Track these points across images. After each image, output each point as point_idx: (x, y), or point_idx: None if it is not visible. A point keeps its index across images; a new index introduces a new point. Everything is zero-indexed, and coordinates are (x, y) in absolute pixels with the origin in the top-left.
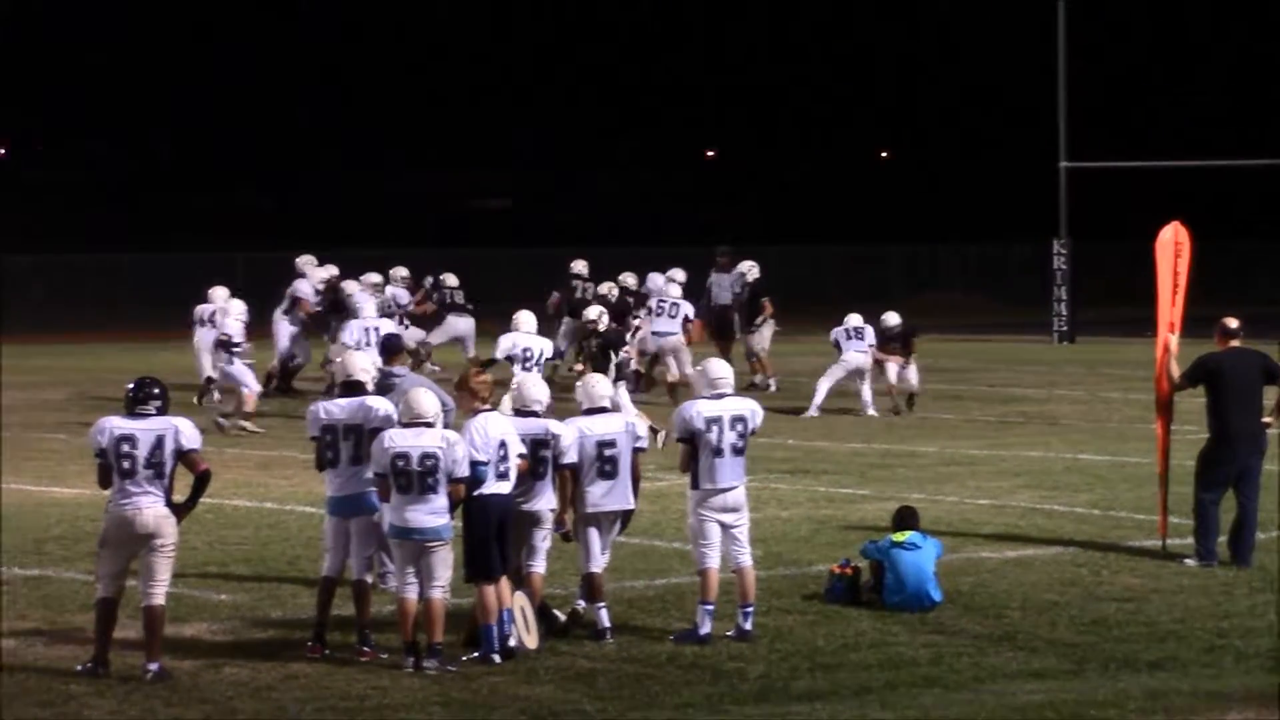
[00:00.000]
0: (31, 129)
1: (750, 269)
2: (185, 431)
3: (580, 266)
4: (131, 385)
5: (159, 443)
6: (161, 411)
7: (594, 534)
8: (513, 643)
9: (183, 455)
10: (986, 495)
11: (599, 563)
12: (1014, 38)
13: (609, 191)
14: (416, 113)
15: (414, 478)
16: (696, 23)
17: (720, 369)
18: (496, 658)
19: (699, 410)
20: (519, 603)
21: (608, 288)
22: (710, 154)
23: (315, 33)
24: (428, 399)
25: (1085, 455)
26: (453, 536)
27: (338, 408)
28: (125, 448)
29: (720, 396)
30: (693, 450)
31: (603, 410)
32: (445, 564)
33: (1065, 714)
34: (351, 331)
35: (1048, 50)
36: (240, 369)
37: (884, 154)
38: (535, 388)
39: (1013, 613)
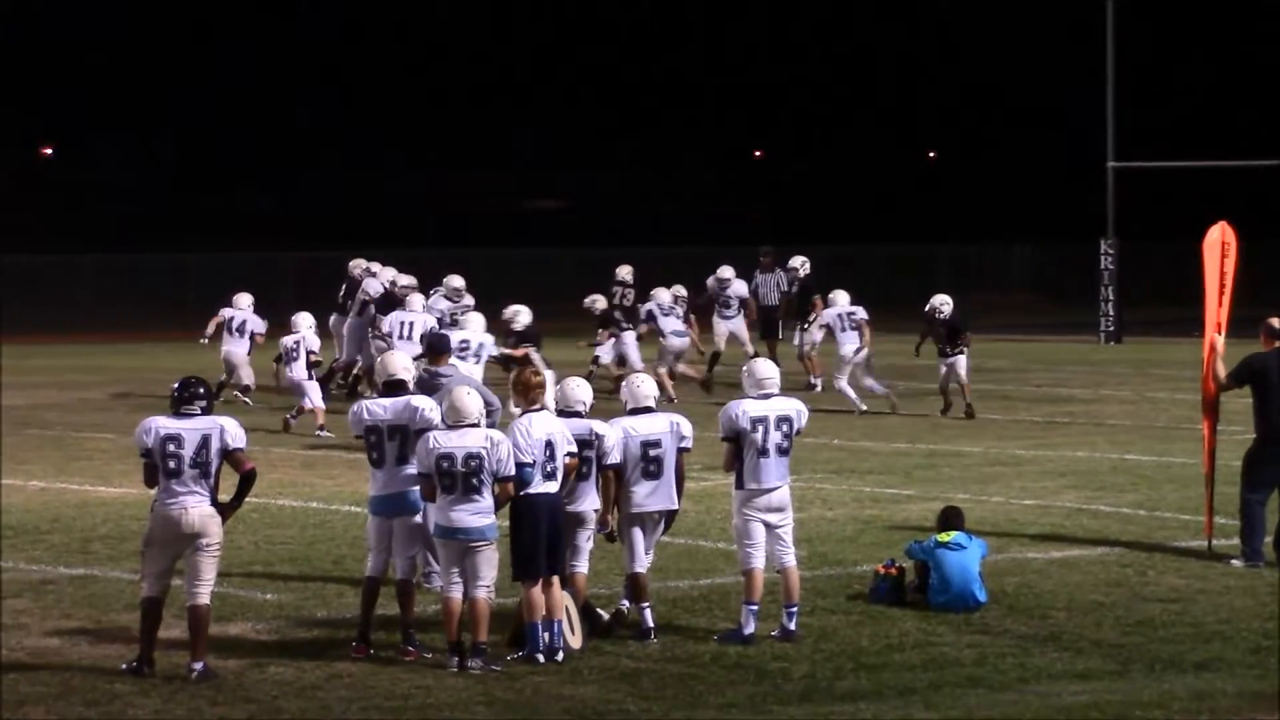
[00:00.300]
0: (74, 128)
1: (802, 264)
2: (230, 430)
3: (625, 273)
4: (176, 385)
5: (204, 442)
6: (206, 411)
7: (638, 534)
8: (559, 658)
9: (228, 454)
10: (1032, 495)
11: (643, 563)
12: (1062, 38)
13: (669, 191)
14: (416, 113)
15: (459, 478)
16: (747, 18)
17: (767, 369)
18: (541, 657)
19: (745, 410)
20: (563, 603)
21: (590, 300)
22: (758, 154)
23: (315, 33)
24: (470, 400)
25: (1131, 455)
26: (498, 536)
27: (381, 408)
28: (171, 447)
29: (766, 396)
30: (737, 450)
31: (647, 410)
32: (490, 564)
33: (1110, 715)
34: (388, 323)
35: (1096, 50)
36: (315, 385)
37: (931, 155)
38: (578, 389)
39: (1058, 613)
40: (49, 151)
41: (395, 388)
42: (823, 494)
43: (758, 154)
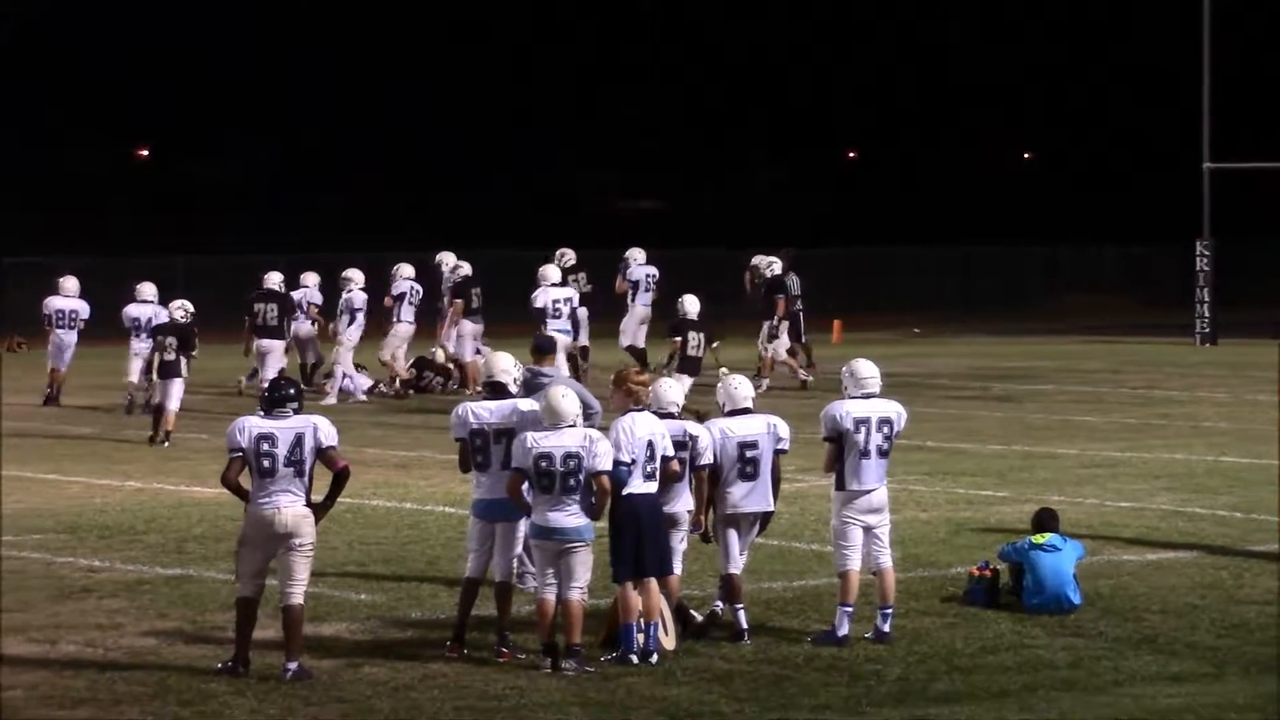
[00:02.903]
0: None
1: (769, 265)
2: (324, 428)
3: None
4: (267, 386)
5: (298, 440)
6: (298, 411)
7: (733, 535)
8: (653, 659)
9: (321, 452)
10: (1127, 497)
11: (737, 564)
12: (1158, 37)
13: (748, 192)
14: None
15: (556, 478)
16: (832, 20)
17: (867, 369)
18: (635, 658)
19: (848, 410)
20: (659, 604)
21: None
22: (852, 154)
23: (404, 26)
24: (567, 401)
25: (1227, 458)
26: (594, 537)
27: (487, 411)
28: (265, 446)
29: (868, 397)
30: (839, 451)
31: (745, 411)
32: (585, 565)
33: (1205, 717)
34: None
35: (1192, 49)
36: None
37: (1026, 155)
38: (670, 390)
39: (1152, 616)
40: (145, 153)
41: (497, 390)
42: (916, 496)
43: (851, 154)
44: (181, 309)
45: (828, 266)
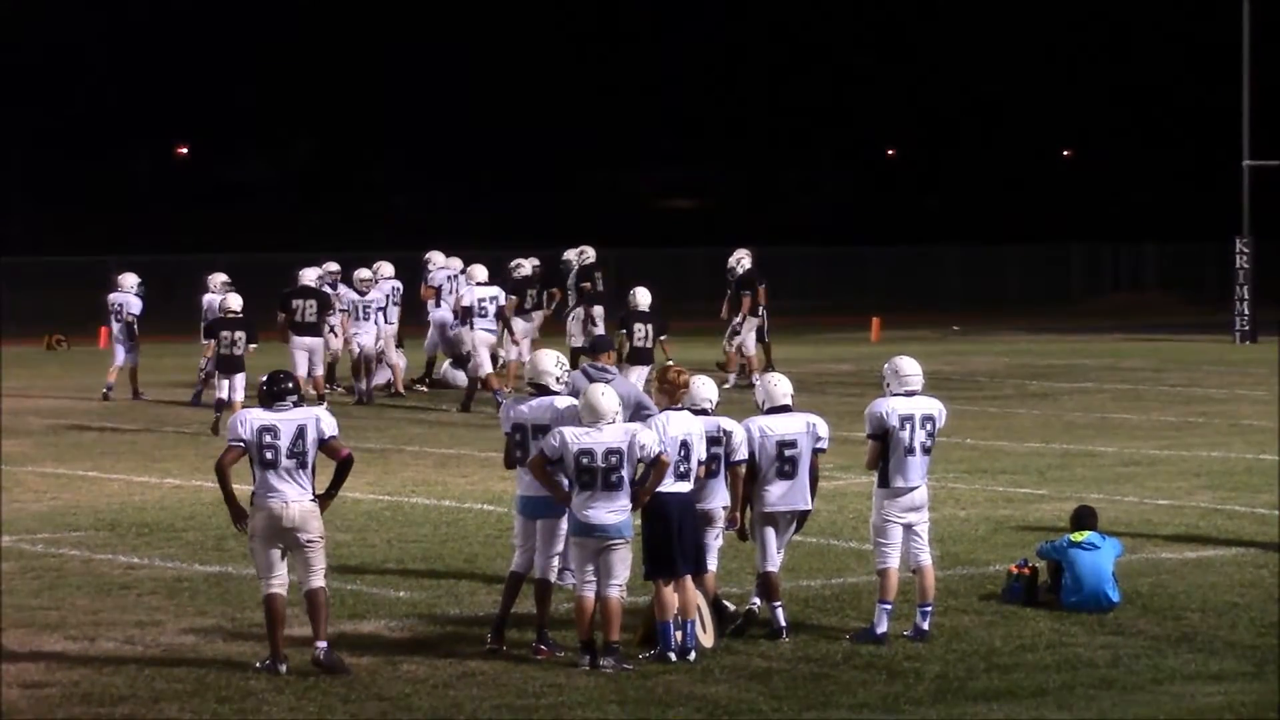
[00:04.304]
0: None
1: (739, 260)
2: (324, 419)
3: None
4: (265, 380)
5: (300, 432)
6: (298, 404)
7: (770, 533)
8: (691, 657)
9: (323, 443)
10: (1166, 496)
11: (775, 562)
12: (1197, 34)
13: (787, 189)
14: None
15: (598, 475)
16: (875, 19)
17: (910, 366)
18: (673, 656)
19: (893, 408)
20: (696, 602)
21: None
22: (890, 153)
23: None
24: (606, 399)
25: (1267, 456)
26: (633, 535)
27: (527, 408)
28: (267, 438)
29: (910, 394)
30: (883, 448)
31: (784, 409)
32: (624, 563)
33: (1244, 716)
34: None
35: (1232, 47)
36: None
37: (1066, 153)
38: (704, 386)
39: (1192, 614)
40: (184, 150)
41: (540, 391)
42: (955, 494)
43: (890, 152)
44: (237, 301)
45: (867, 264)
